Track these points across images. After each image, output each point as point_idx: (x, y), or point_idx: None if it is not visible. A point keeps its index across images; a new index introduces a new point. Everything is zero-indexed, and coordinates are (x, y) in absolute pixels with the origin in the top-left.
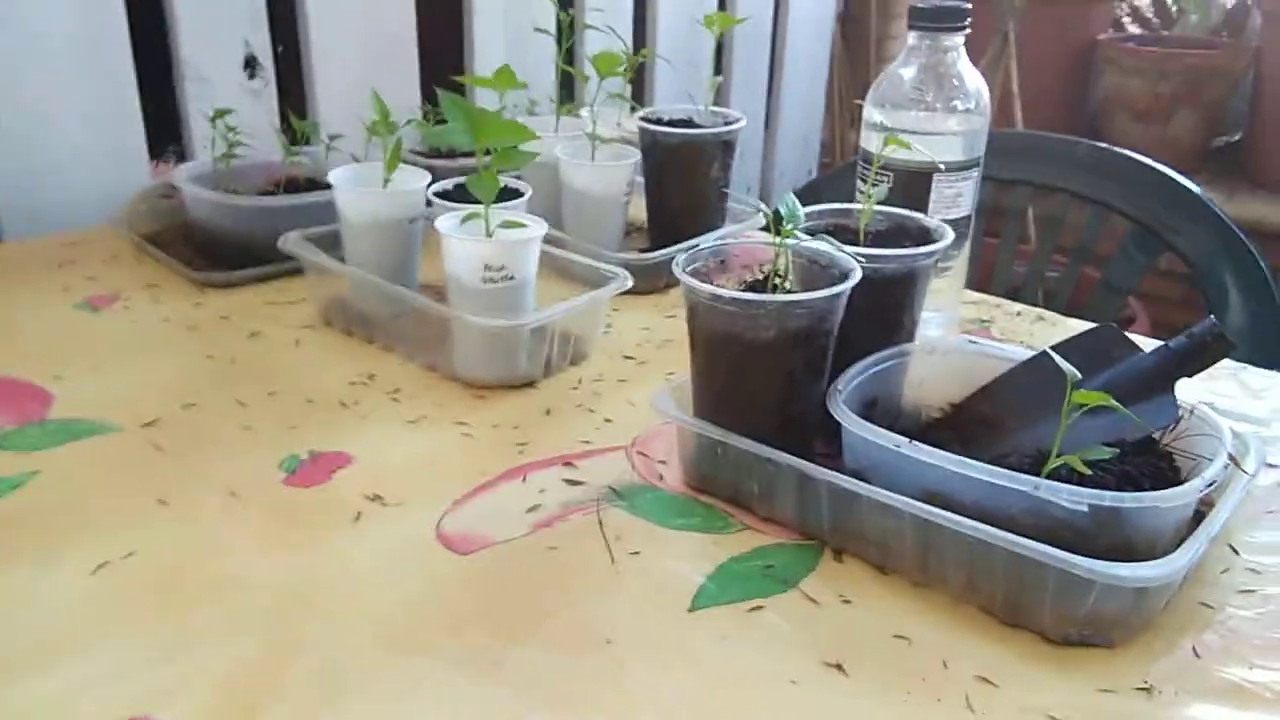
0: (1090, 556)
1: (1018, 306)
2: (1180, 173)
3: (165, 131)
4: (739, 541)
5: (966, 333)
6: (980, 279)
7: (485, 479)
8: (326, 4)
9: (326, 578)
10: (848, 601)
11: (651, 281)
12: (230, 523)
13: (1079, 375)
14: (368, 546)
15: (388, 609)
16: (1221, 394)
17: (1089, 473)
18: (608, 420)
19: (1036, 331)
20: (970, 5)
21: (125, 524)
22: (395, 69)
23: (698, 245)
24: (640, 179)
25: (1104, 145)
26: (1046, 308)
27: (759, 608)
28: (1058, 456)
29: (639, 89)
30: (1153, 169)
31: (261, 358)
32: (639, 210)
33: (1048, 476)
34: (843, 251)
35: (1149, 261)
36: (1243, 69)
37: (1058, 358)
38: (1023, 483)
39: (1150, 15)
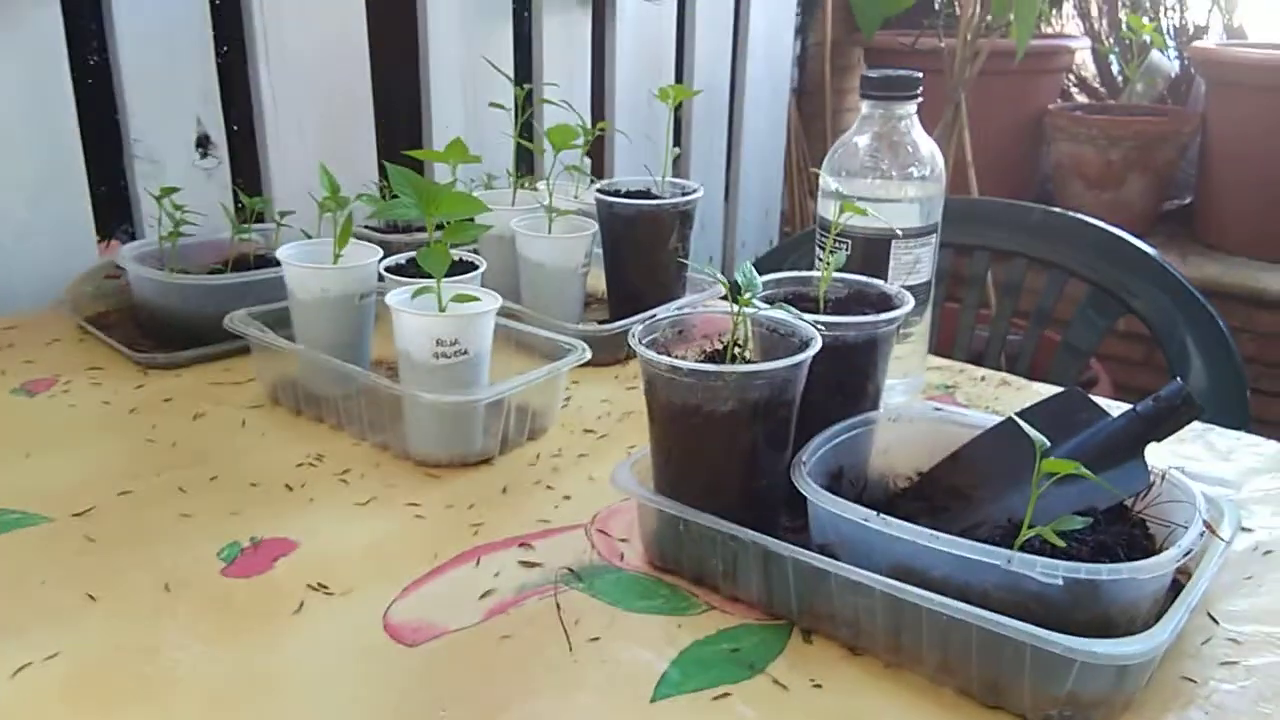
0: (1067, 632)
1: (981, 371)
2: (1134, 235)
3: (117, 213)
4: (704, 623)
5: (931, 399)
6: (943, 344)
7: (437, 563)
8: (281, 80)
9: (265, 675)
10: (818, 685)
11: (612, 353)
12: (162, 618)
13: (1047, 443)
14: (310, 640)
15: (331, 707)
16: (1189, 457)
17: (1062, 544)
18: (567, 497)
19: (1001, 396)
20: (921, 75)
21: (50, 622)
22: (352, 144)
23: (655, 316)
24: (600, 251)
25: (1056, 210)
26: (1010, 371)
27: (725, 695)
28: (1029, 528)
29: (598, 163)
30: (1105, 231)
31: (204, 440)
32: (599, 282)
33: (1020, 548)
34: (802, 320)
35: (1108, 323)
36: (1190, 133)
37: (1024, 425)
38: (995, 556)
39: (1097, 85)
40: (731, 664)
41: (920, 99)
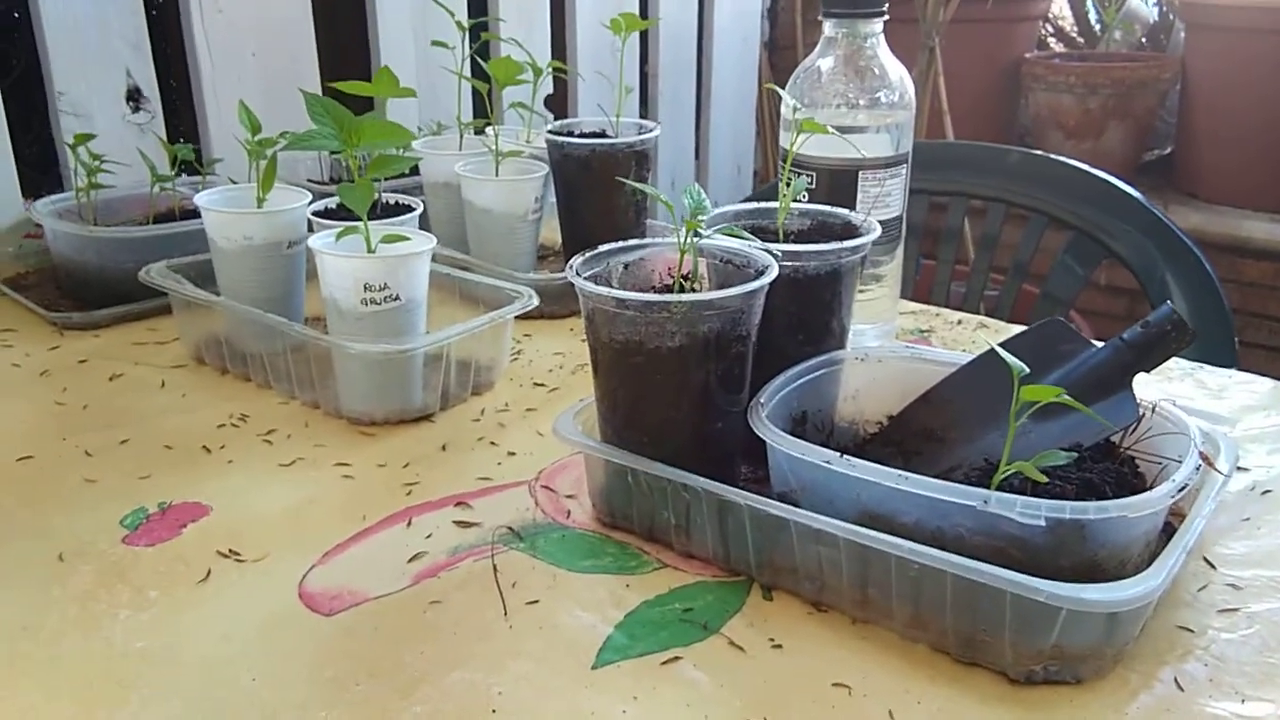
0: (1051, 578)
1: (958, 315)
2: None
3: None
4: (654, 582)
5: (906, 344)
6: (918, 299)
7: (364, 526)
8: (218, 29)
9: (159, 650)
10: (778, 646)
11: (566, 304)
12: (51, 590)
13: (1026, 369)
14: (214, 611)
15: (229, 684)
16: (1180, 395)
17: (1045, 481)
18: (511, 454)
19: (979, 340)
20: None
21: None
22: (297, 96)
23: (599, 250)
24: (554, 200)
25: (1037, 152)
26: None
27: (675, 659)
28: (1009, 464)
29: (561, 113)
30: (1086, 172)
31: (119, 402)
32: (557, 235)
33: (999, 488)
34: (757, 247)
35: (1088, 271)
36: (1169, 80)
37: (1003, 352)
38: (971, 496)
39: (1074, 34)
40: (683, 625)
41: (886, 16)
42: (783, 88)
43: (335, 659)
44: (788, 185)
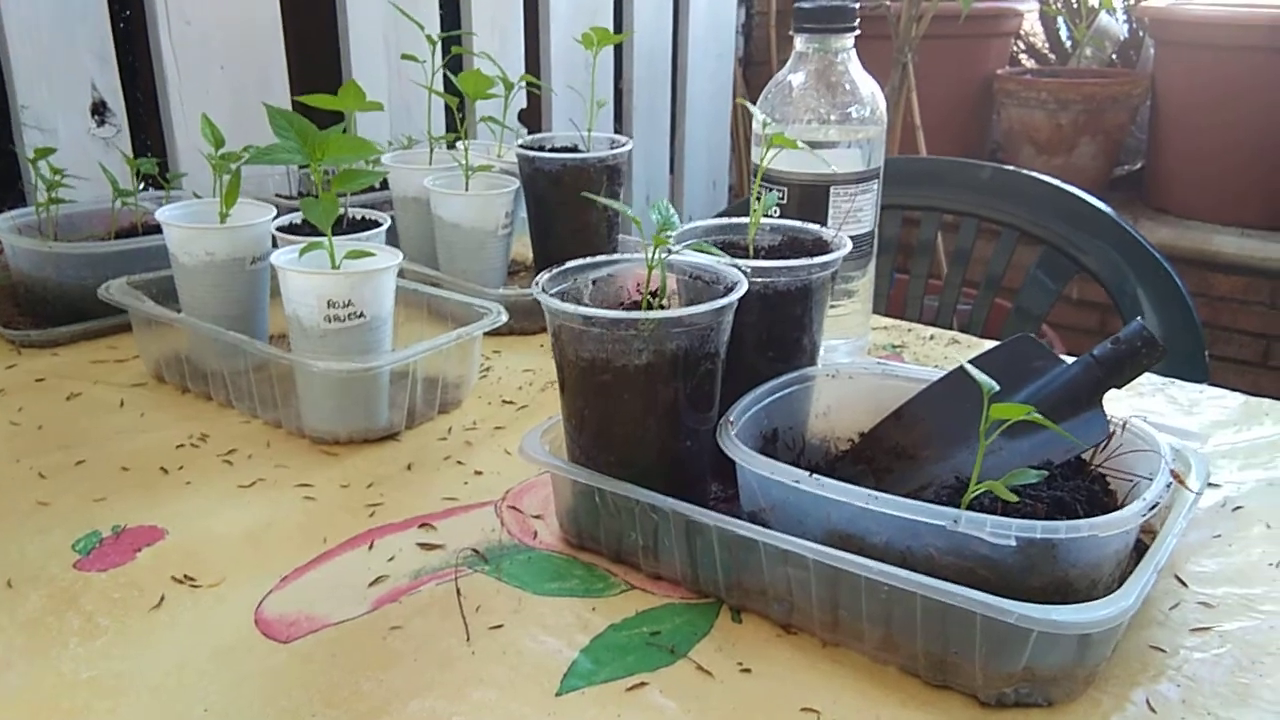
0: (1022, 599)
1: (930, 330)
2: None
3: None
4: (621, 605)
5: (878, 359)
6: (892, 313)
7: (324, 549)
8: (185, 42)
9: (107, 680)
10: (746, 670)
11: (537, 320)
12: None
13: (996, 387)
14: (166, 639)
15: (183, 716)
16: (1150, 411)
17: (1015, 500)
18: (478, 473)
19: (952, 355)
20: (859, 5)
21: None
22: (264, 109)
23: (566, 266)
24: (526, 217)
25: (1008, 167)
26: None
27: (641, 685)
28: (979, 483)
29: (535, 128)
30: (1056, 187)
31: (76, 422)
32: (528, 249)
33: (969, 507)
34: (728, 264)
35: (1060, 286)
36: (1140, 96)
37: (973, 370)
38: (941, 516)
39: (1045, 50)
40: (650, 649)
41: (858, 31)
42: (757, 101)
43: (291, 688)
44: (758, 200)
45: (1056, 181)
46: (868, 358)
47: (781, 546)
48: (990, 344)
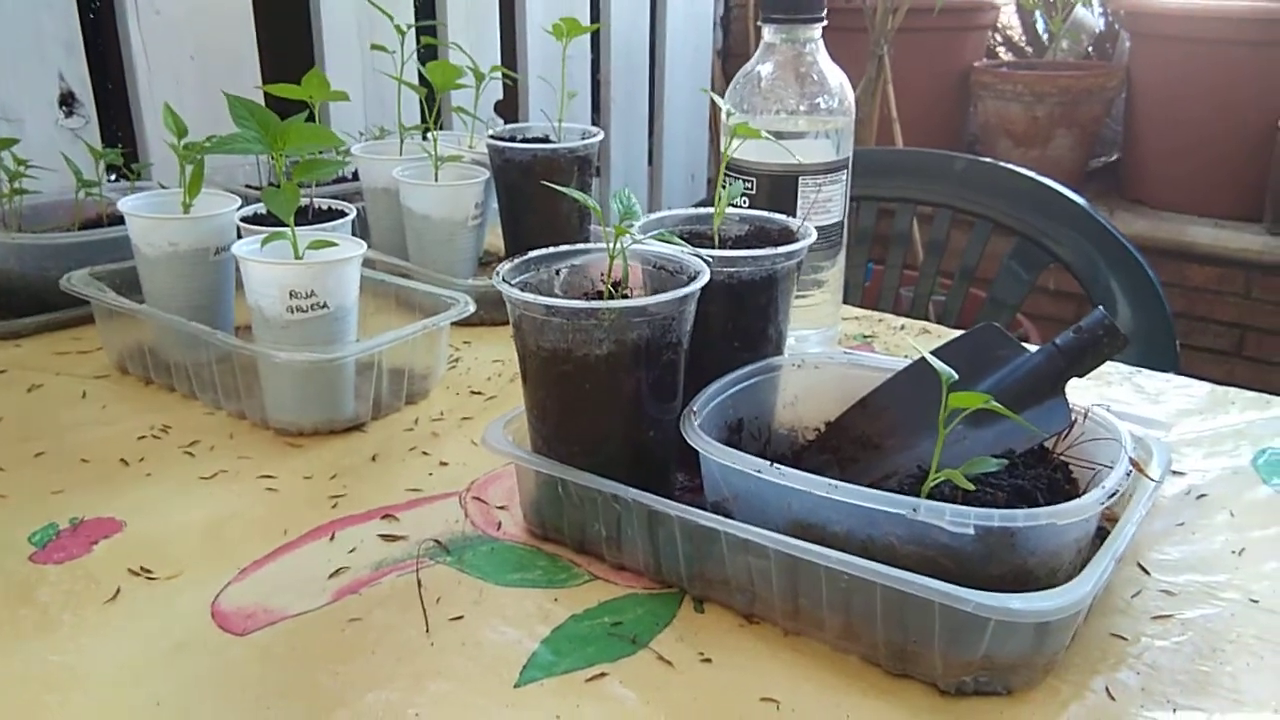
0: (980, 588)
1: (900, 320)
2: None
3: None
4: (584, 595)
5: (847, 350)
6: (868, 304)
7: (285, 540)
8: (154, 32)
9: (57, 674)
10: (707, 660)
11: (506, 311)
12: None
13: (955, 375)
14: (120, 632)
15: (135, 710)
16: (1117, 399)
17: (973, 488)
18: (443, 464)
19: (922, 345)
20: None
21: None
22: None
23: (528, 256)
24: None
25: (982, 159)
26: None
27: (601, 675)
28: (939, 472)
29: (512, 118)
30: (1029, 179)
31: (36, 414)
32: (500, 240)
33: (929, 496)
34: (692, 254)
35: (1033, 276)
36: (1115, 89)
37: (932, 359)
38: (900, 505)
39: (1022, 43)
40: (611, 640)
41: (825, 22)
42: None
43: (247, 681)
44: (724, 189)
45: (1029, 173)
46: (836, 348)
47: (742, 536)
48: (961, 332)
